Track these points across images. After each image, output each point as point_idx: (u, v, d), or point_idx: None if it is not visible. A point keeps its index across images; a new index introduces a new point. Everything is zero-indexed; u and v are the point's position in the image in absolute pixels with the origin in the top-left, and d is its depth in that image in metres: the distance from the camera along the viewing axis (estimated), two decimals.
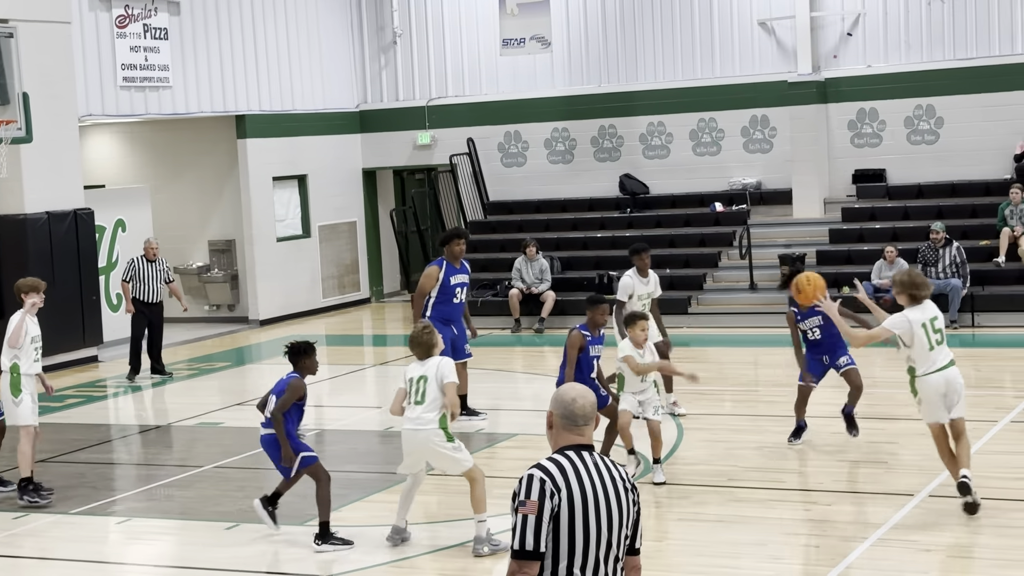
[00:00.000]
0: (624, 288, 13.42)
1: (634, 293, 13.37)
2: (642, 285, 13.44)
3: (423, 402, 9.24)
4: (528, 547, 4.56)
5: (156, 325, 17.80)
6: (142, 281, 17.55)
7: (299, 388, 9.68)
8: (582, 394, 4.78)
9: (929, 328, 9.69)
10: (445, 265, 13.48)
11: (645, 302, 13.37)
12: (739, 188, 22.09)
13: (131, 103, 20.53)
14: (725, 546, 9.42)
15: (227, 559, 9.64)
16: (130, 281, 17.61)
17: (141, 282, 17.56)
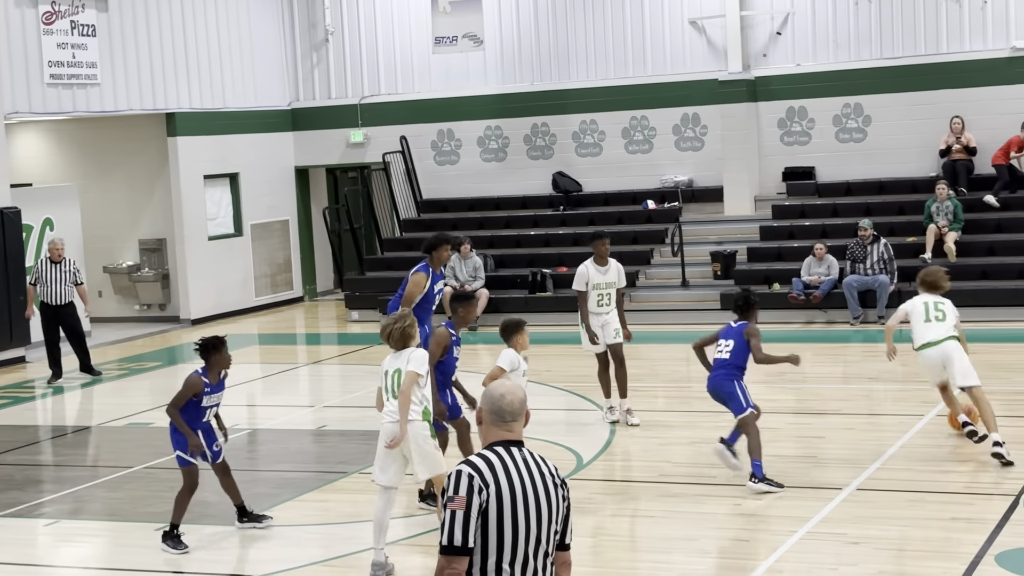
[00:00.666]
0: (579, 277, 12.91)
1: (590, 282, 12.86)
2: (599, 274, 12.86)
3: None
4: (456, 542, 4.58)
5: (69, 326, 17.36)
6: (47, 283, 17.11)
7: (194, 383, 9.66)
8: (511, 390, 4.81)
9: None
10: (431, 273, 12.49)
11: (604, 292, 12.88)
12: (671, 186, 22.23)
13: (59, 101, 20.28)
14: (657, 541, 9.50)
15: (157, 561, 9.57)
16: (36, 283, 17.24)
17: (46, 284, 17.12)
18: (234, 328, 22.04)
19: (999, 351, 16.18)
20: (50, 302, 17.17)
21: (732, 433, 10.74)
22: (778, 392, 14.53)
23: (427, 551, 9.52)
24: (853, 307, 18.60)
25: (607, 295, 12.94)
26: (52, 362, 17.28)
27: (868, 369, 15.85)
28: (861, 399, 14.11)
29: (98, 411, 16.13)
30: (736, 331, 10.72)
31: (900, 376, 14.87)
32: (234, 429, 13.96)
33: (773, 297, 19.21)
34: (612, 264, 13.01)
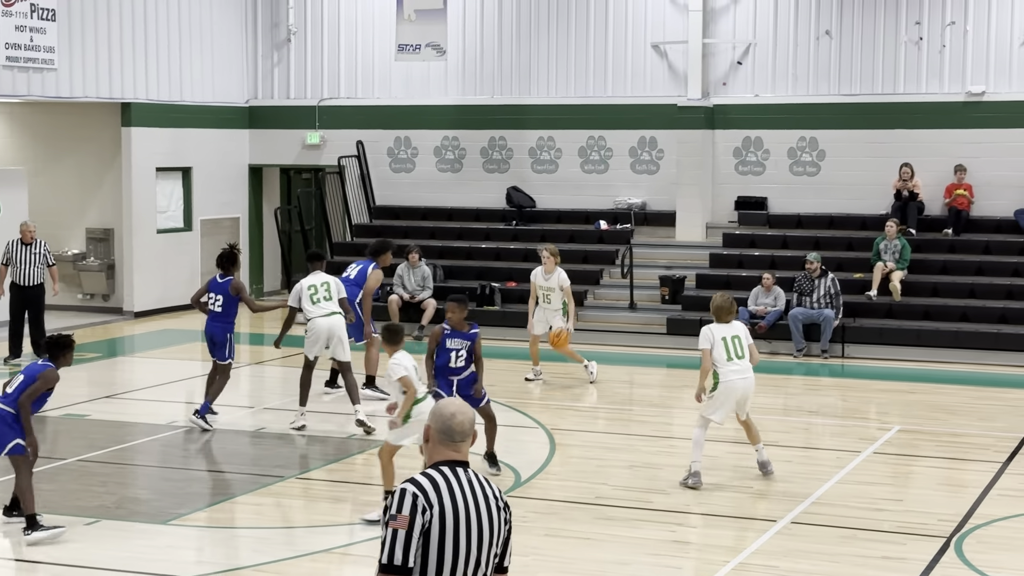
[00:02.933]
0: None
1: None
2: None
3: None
4: (396, 562, 4.55)
5: (35, 307, 17.62)
6: (19, 264, 17.44)
7: (52, 379, 9.80)
8: (461, 409, 4.78)
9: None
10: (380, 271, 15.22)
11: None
12: (624, 207, 22.30)
13: (13, 83, 20.04)
14: (589, 564, 9.49)
15: (83, 556, 9.44)
16: (7, 264, 17.49)
17: (17, 265, 17.46)
18: (178, 323, 21.87)
19: (938, 392, 16.34)
20: (21, 283, 17.46)
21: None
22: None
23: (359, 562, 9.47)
24: (797, 339, 18.73)
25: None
26: (13, 342, 17.36)
27: (808, 402, 15.96)
28: (800, 432, 14.20)
29: None
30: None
31: (840, 411, 14.99)
32: (171, 427, 13.86)
33: None
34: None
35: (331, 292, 13.78)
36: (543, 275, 16.23)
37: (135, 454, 12.84)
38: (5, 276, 17.52)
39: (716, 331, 11.39)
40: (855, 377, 17.41)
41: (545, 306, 16.25)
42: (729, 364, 11.31)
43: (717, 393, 11.33)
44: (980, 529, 10.27)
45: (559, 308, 16.15)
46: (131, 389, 16.40)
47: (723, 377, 11.31)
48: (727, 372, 11.32)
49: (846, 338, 18.82)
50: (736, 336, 11.42)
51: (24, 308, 17.61)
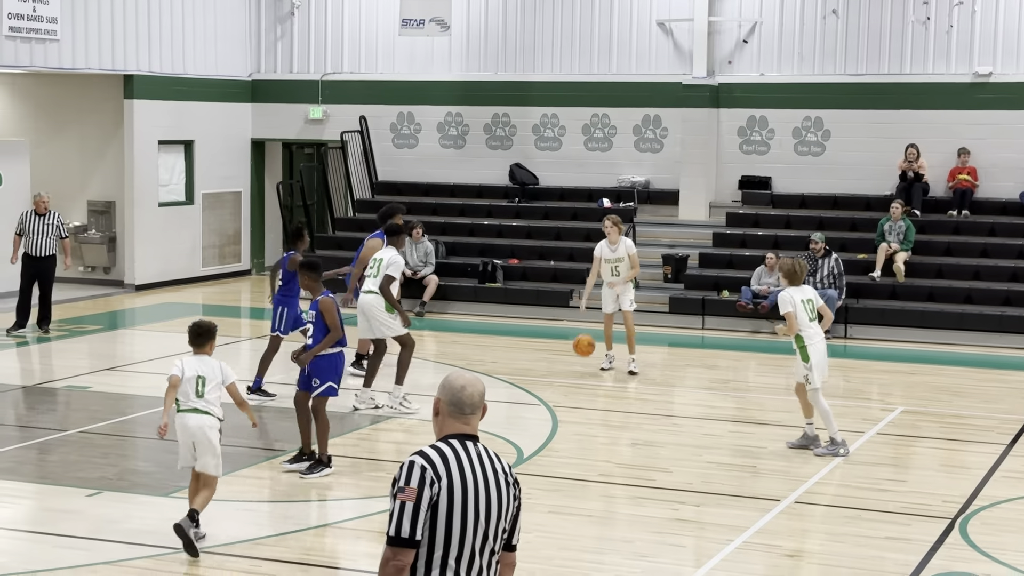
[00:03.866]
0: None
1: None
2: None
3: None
4: (404, 534, 4.51)
5: (45, 279, 17.68)
6: (31, 235, 17.53)
7: None
8: (472, 382, 4.73)
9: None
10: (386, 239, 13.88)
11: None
12: (628, 186, 22.23)
13: (15, 54, 19.94)
14: (592, 541, 9.48)
15: (83, 527, 9.42)
16: (21, 234, 17.60)
17: (30, 236, 17.54)
18: (179, 297, 21.83)
19: (942, 373, 16.31)
20: (33, 253, 17.55)
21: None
22: (720, 400, 14.58)
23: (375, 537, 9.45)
24: None
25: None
26: (21, 313, 17.34)
27: None
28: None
29: (37, 371, 15.90)
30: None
31: (842, 392, 14.97)
32: None
33: (721, 304, 19.28)
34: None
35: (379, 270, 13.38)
36: (608, 247, 15.42)
37: (136, 426, 12.80)
38: (19, 246, 17.59)
39: (795, 295, 11.59)
40: (858, 358, 17.37)
41: (614, 279, 15.43)
42: (811, 327, 11.61)
43: (813, 361, 11.55)
44: (985, 511, 10.25)
45: (630, 281, 15.53)
46: (132, 362, 16.36)
47: (808, 340, 11.57)
48: (811, 335, 11.61)
49: (849, 319, 18.76)
50: (809, 300, 11.75)
51: (34, 279, 17.62)
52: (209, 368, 9.11)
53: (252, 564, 8.91)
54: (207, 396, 9.06)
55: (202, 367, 9.10)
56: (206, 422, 9.05)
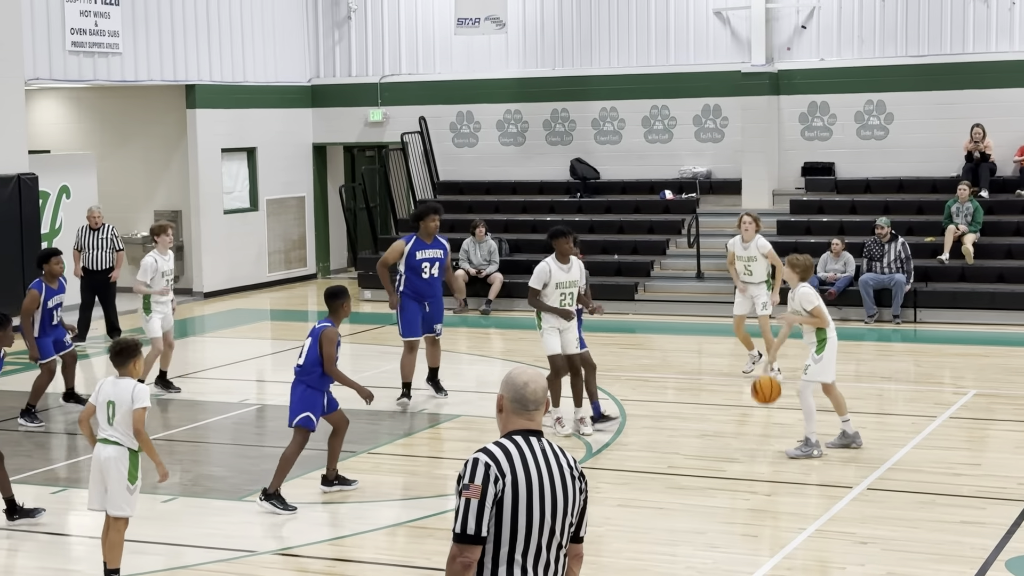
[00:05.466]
0: (539, 275, 12.01)
1: (551, 281, 11.99)
2: (561, 272, 12.00)
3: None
4: (470, 531, 4.53)
5: (105, 292, 17.93)
6: (87, 249, 17.83)
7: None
8: (534, 378, 4.74)
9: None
10: (414, 240, 13.30)
11: (566, 291, 12.02)
12: (689, 176, 22.14)
13: (79, 68, 20.24)
14: (663, 533, 9.45)
15: (157, 533, 9.54)
16: (80, 250, 17.89)
17: (86, 250, 17.84)
18: (246, 303, 22.04)
19: (1014, 355, 16.09)
20: (91, 267, 17.86)
21: None
22: (789, 388, 14.46)
23: (434, 535, 9.50)
24: (868, 305, 18.51)
25: (567, 295, 12.04)
26: (81, 326, 17.74)
27: (881, 368, 15.77)
28: (873, 398, 14.03)
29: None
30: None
31: (913, 376, 14.81)
32: (243, 404, 13.99)
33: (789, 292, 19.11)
34: (575, 262, 12.14)
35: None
36: (741, 244, 14.54)
37: (209, 432, 12.96)
38: (78, 261, 17.83)
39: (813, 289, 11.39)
40: (928, 342, 17.18)
41: (747, 279, 14.56)
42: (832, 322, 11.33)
43: (827, 352, 11.18)
44: None
45: (763, 280, 14.54)
46: (203, 368, 16.54)
47: (830, 334, 11.25)
48: (831, 330, 11.30)
49: (918, 303, 18.57)
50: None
51: (94, 293, 17.93)
52: (122, 391, 8.16)
53: (327, 565, 8.99)
54: (117, 423, 8.15)
55: (115, 390, 8.18)
56: (113, 453, 8.16)
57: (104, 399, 8.19)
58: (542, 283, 11.96)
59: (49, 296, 12.87)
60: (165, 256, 14.22)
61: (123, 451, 8.14)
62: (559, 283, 11.96)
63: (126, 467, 8.16)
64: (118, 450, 8.14)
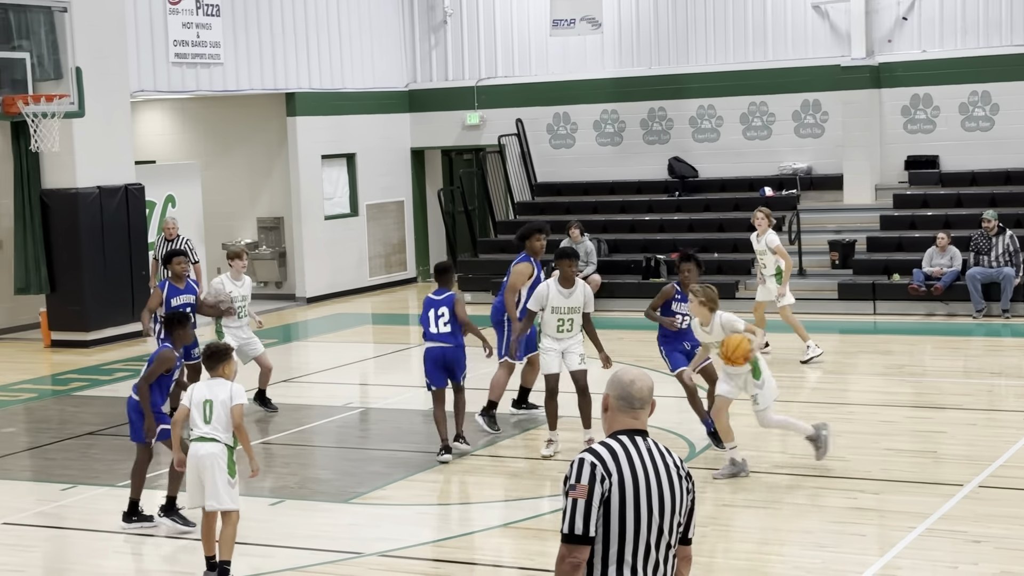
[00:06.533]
0: (537, 297, 11.49)
1: (547, 304, 11.38)
2: (561, 297, 11.32)
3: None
4: (577, 531, 4.53)
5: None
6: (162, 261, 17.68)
7: (167, 359, 9.66)
8: (640, 377, 4.72)
9: None
10: (531, 260, 12.60)
11: (564, 317, 11.35)
12: (789, 173, 21.92)
13: (182, 79, 20.61)
14: (770, 532, 9.36)
15: (270, 534, 9.67)
16: (158, 260, 17.82)
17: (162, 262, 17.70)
18: (348, 308, 22.26)
19: None
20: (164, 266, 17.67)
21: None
22: (896, 385, 14.26)
23: (538, 536, 9.50)
24: (976, 300, 18.17)
25: (566, 320, 11.39)
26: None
27: (990, 364, 15.46)
28: (983, 394, 13.77)
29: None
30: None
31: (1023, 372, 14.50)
32: (346, 408, 14.13)
33: (893, 288, 18.85)
34: (579, 285, 11.47)
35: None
36: (755, 238, 15.65)
37: (314, 435, 13.10)
38: (157, 271, 17.80)
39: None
40: None
41: (763, 272, 15.69)
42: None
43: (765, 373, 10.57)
44: None
45: (773, 273, 15.51)
46: (307, 373, 16.73)
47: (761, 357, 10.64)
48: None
49: None
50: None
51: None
52: (219, 391, 8.49)
53: (432, 566, 9.04)
54: (214, 422, 8.43)
55: (211, 391, 8.51)
56: (214, 450, 8.43)
57: (200, 399, 8.47)
58: (539, 306, 11.42)
59: (173, 295, 12.81)
60: (239, 282, 13.61)
61: (221, 447, 8.42)
62: (555, 307, 11.32)
63: (224, 462, 8.42)
64: (216, 446, 8.42)
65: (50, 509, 10.64)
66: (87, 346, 18.48)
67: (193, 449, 8.48)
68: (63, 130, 17.01)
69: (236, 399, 8.45)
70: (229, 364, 8.63)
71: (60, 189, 18.50)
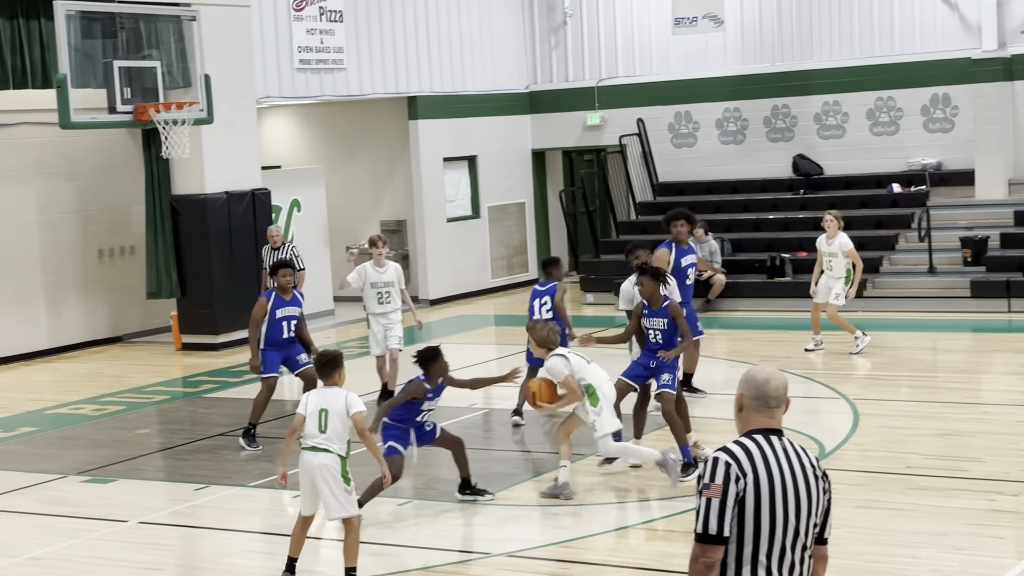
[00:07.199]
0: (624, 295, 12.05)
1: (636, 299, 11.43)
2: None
3: None
4: (711, 531, 4.46)
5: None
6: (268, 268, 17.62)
7: (415, 391, 9.94)
8: (775, 375, 4.64)
9: None
10: (675, 247, 13.14)
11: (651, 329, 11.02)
12: (918, 169, 21.47)
13: (307, 85, 20.89)
14: (904, 535, 9.16)
15: (399, 535, 9.73)
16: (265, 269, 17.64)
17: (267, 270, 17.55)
18: (471, 309, 22.35)
19: None
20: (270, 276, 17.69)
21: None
22: None
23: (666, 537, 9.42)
24: None
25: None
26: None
27: None
28: None
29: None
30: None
31: None
32: (471, 409, 14.16)
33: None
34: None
35: None
36: (826, 240, 15.73)
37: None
38: (265, 280, 17.55)
39: (561, 361, 10.19)
40: None
41: (828, 273, 15.74)
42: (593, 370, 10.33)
43: (604, 403, 10.19)
44: None
45: (841, 276, 15.58)
46: None
47: (597, 384, 10.25)
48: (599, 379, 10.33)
49: None
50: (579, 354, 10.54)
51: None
52: (333, 400, 8.41)
53: (560, 567, 9.01)
54: (329, 431, 8.32)
55: (325, 400, 8.42)
56: (328, 460, 8.34)
57: (315, 408, 8.37)
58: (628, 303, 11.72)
59: (278, 306, 12.60)
60: (381, 269, 14.15)
61: (333, 457, 8.33)
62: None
63: (339, 471, 8.35)
64: (329, 457, 8.33)
65: (184, 508, 10.84)
66: (216, 349, 18.82)
67: (306, 459, 8.39)
68: (192, 137, 17.35)
69: (354, 408, 8.35)
70: (342, 370, 8.56)
71: (189, 195, 18.87)
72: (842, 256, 15.57)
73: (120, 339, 20.18)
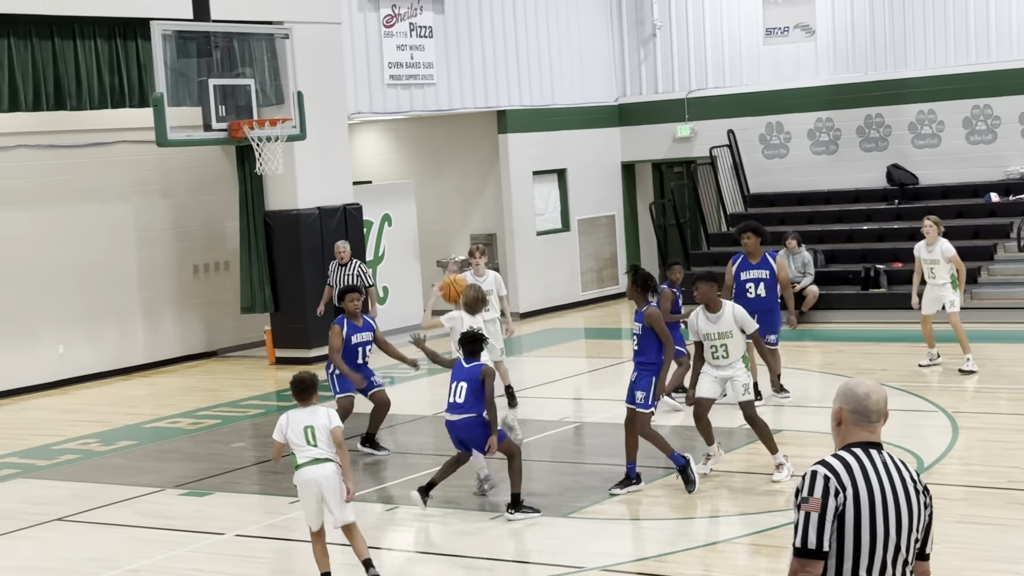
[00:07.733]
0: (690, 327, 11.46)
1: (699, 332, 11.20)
2: (708, 323, 11.13)
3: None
4: (811, 545, 4.39)
5: None
6: (336, 285, 17.46)
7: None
8: (875, 388, 4.56)
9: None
10: (741, 258, 13.93)
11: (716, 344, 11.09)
12: (1016, 178, 21.07)
13: (397, 101, 21.04)
14: (1007, 551, 8.96)
15: (490, 547, 9.72)
16: (333, 285, 17.64)
17: (335, 286, 17.47)
18: (561, 322, 22.32)
19: None
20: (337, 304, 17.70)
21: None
22: None
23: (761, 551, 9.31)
24: None
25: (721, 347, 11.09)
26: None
27: None
28: None
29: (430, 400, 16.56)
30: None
31: None
32: (562, 422, 14.13)
33: None
34: (726, 310, 11.16)
35: None
36: (925, 247, 15.25)
37: (530, 450, 13.11)
38: (327, 296, 17.71)
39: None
40: None
41: (931, 281, 15.28)
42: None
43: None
44: None
45: (946, 282, 15.14)
46: (522, 388, 16.80)
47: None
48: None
49: None
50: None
51: None
52: (316, 416, 8.72)
53: None
54: (320, 444, 8.66)
55: (310, 418, 8.71)
56: (331, 469, 8.66)
57: (300, 426, 8.69)
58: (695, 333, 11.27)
59: (352, 333, 12.66)
60: (481, 278, 14.41)
61: (336, 466, 8.71)
62: (707, 334, 11.09)
63: (340, 478, 8.72)
64: (332, 465, 8.69)
65: (278, 521, 10.93)
66: (310, 363, 18.96)
67: (311, 473, 8.65)
68: (285, 153, 17.52)
69: (334, 421, 8.73)
70: (317, 393, 8.85)
71: (282, 210, 19.08)
72: (944, 262, 15.09)
73: (215, 353, 20.46)
